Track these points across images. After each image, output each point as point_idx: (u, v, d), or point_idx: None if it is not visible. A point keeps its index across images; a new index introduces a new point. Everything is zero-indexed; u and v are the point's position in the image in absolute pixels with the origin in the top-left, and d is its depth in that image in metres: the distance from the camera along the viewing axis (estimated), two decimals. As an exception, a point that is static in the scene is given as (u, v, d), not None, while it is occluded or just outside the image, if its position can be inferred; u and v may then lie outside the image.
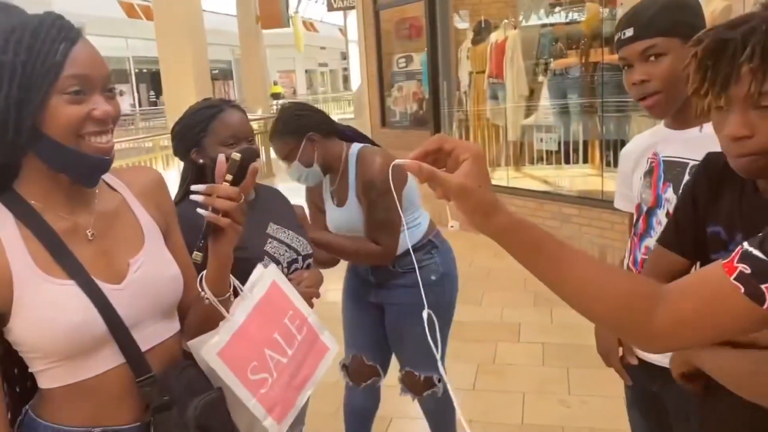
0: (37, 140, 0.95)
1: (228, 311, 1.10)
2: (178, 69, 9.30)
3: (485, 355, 3.53)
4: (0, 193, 0.99)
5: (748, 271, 0.73)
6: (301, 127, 2.05)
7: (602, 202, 5.10)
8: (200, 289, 1.08)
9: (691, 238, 1.15)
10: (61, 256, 0.98)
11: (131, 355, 1.02)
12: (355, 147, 2.13)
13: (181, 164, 1.74)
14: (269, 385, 1.06)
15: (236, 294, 1.16)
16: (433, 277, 2.19)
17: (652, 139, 1.50)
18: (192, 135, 1.65)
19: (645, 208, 1.45)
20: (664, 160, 1.42)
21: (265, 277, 1.16)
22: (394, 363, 2.39)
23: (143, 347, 1.05)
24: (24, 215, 0.98)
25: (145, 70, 25.77)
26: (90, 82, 0.97)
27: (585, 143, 6.07)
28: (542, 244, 0.81)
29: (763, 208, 0.98)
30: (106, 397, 1.03)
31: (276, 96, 22.14)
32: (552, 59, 6.37)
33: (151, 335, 1.07)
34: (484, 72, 6.65)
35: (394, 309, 2.22)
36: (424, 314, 0.89)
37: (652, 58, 1.34)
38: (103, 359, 1.01)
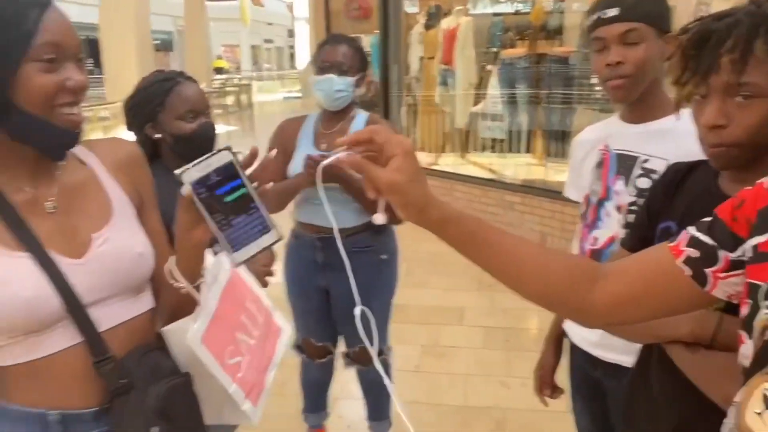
0: (6, 110, 0.90)
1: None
2: (119, 38, 8.96)
3: (429, 338, 3.60)
4: None
5: (696, 255, 0.76)
6: (366, 61, 2.13)
7: (544, 191, 5.24)
8: (171, 279, 0.99)
9: (641, 235, 1.18)
10: (15, 228, 0.93)
11: (88, 334, 0.97)
12: (362, 111, 2.20)
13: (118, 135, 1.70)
14: (243, 368, 1.05)
15: None
16: (383, 256, 2.24)
17: (605, 131, 1.52)
18: (148, 109, 1.60)
19: (595, 200, 1.48)
20: (616, 153, 1.44)
21: (224, 262, 1.14)
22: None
23: (104, 326, 1.00)
24: None
25: (82, 37, 24.62)
26: (63, 50, 0.93)
27: (529, 133, 6.21)
28: (477, 234, 0.83)
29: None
30: (63, 378, 0.98)
31: (219, 70, 21.60)
32: (502, 48, 6.47)
33: (114, 314, 1.02)
34: (434, 58, 6.69)
35: (345, 292, 2.22)
36: (357, 311, 0.91)
37: (630, 44, 1.34)
38: (58, 338, 0.97)
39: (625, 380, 1.22)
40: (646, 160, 1.38)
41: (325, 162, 0.82)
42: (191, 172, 0.85)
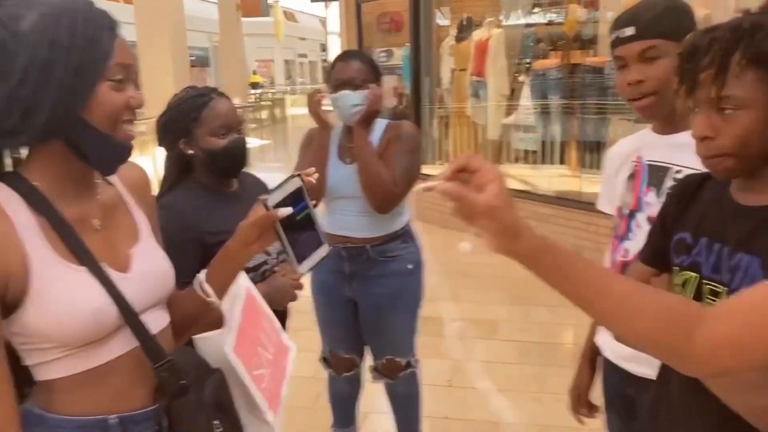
0: (75, 124, 0.94)
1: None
2: (157, 54, 9.16)
3: (462, 353, 3.56)
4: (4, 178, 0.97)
5: None
6: (379, 72, 2.15)
7: (578, 203, 5.16)
8: (201, 292, 1.09)
9: (656, 247, 1.16)
10: (72, 243, 0.97)
11: (143, 340, 1.03)
12: (380, 119, 2.20)
13: (154, 152, 1.74)
14: (266, 380, 1.07)
15: None
16: (409, 266, 2.24)
17: (638, 143, 1.51)
18: (182, 125, 1.63)
19: (626, 212, 1.46)
20: (648, 165, 1.43)
21: (240, 282, 1.18)
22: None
23: (152, 332, 1.05)
24: (35, 200, 0.95)
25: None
26: (129, 71, 0.98)
27: (563, 144, 6.14)
28: (570, 267, 0.80)
29: (735, 213, 0.99)
30: (119, 383, 1.02)
31: (254, 85, 21.96)
32: (534, 59, 6.43)
33: (155, 322, 1.07)
34: (466, 69, 6.68)
35: (372, 303, 2.24)
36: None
37: (649, 60, 1.34)
38: (115, 345, 1.01)
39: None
40: (678, 171, 1.35)
41: (422, 186, 0.84)
42: (274, 197, 0.97)
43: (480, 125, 6.80)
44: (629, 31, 1.35)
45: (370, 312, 2.26)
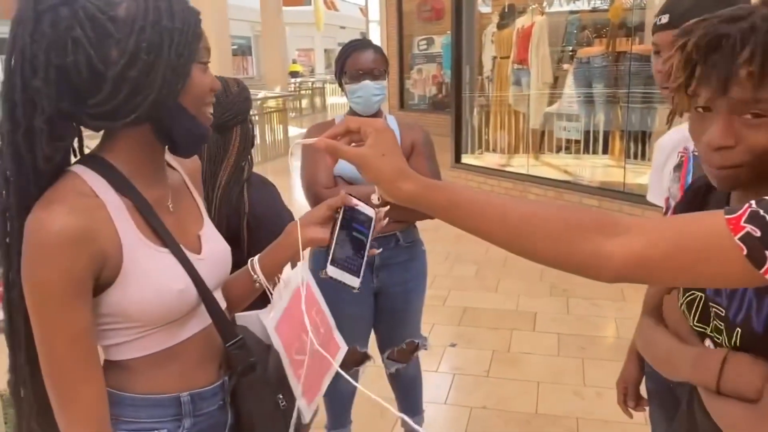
0: (170, 106, 0.95)
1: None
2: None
3: (500, 343, 3.53)
4: (88, 161, 0.99)
5: (757, 234, 0.69)
6: (387, 62, 2.18)
7: (623, 194, 5.06)
8: (253, 272, 1.13)
9: None
10: (156, 225, 0.99)
11: (218, 319, 1.06)
12: (386, 114, 2.24)
13: None
14: (305, 367, 1.08)
15: None
16: (423, 248, 2.33)
17: (685, 133, 1.48)
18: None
19: (673, 203, 1.44)
20: (693, 155, 1.40)
21: (297, 270, 1.21)
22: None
23: None
24: (118, 183, 0.97)
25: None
26: (209, 55, 1.00)
27: (606, 134, 6.01)
28: (460, 200, 0.79)
29: None
30: (191, 361, 1.05)
31: (294, 74, 22.09)
32: (578, 47, 6.30)
33: (221, 303, 1.10)
34: (508, 57, 6.59)
35: (399, 290, 2.26)
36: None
37: None
38: (191, 325, 1.04)
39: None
40: None
41: (299, 141, 0.99)
42: (354, 200, 1.06)
43: (522, 114, 6.71)
44: (664, 18, 1.36)
45: (396, 299, 2.27)
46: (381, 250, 2.08)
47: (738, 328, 0.87)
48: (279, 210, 1.73)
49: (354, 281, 1.04)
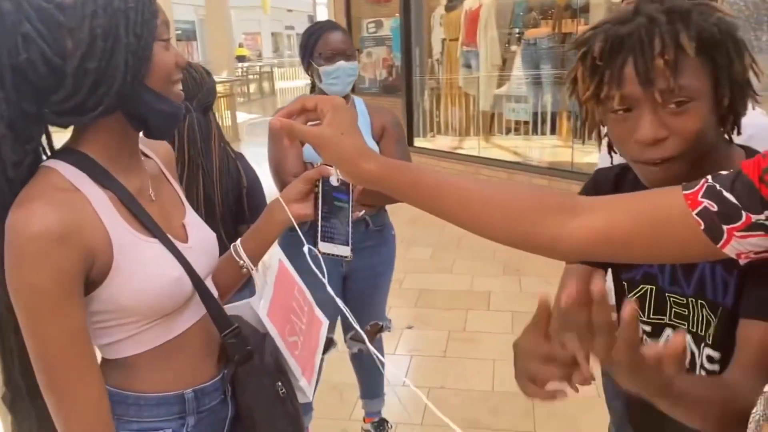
0: (137, 90, 0.90)
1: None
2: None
3: (456, 323, 3.58)
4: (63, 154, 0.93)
5: (714, 209, 0.70)
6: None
7: (572, 173, 5.17)
8: (237, 258, 1.11)
9: None
10: (141, 215, 0.95)
11: (212, 308, 1.03)
12: (354, 96, 2.22)
13: None
14: (300, 347, 1.09)
15: None
16: (393, 232, 2.34)
17: None
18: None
19: None
20: None
21: (273, 252, 1.21)
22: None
23: None
24: (98, 175, 0.92)
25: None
26: (169, 30, 0.95)
27: (554, 114, 6.11)
28: (420, 181, 0.78)
29: None
30: (191, 356, 1.03)
31: (241, 58, 21.66)
32: (525, 29, 6.36)
33: (213, 292, 1.08)
34: (457, 39, 6.61)
35: (368, 274, 2.26)
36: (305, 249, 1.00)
37: None
38: (187, 315, 1.02)
39: None
40: None
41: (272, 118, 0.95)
42: (330, 169, 1.03)
43: (472, 96, 6.75)
44: None
45: (365, 283, 2.28)
46: (363, 212, 2.09)
47: (720, 307, 0.88)
48: (258, 178, 1.91)
49: (345, 251, 1.04)
